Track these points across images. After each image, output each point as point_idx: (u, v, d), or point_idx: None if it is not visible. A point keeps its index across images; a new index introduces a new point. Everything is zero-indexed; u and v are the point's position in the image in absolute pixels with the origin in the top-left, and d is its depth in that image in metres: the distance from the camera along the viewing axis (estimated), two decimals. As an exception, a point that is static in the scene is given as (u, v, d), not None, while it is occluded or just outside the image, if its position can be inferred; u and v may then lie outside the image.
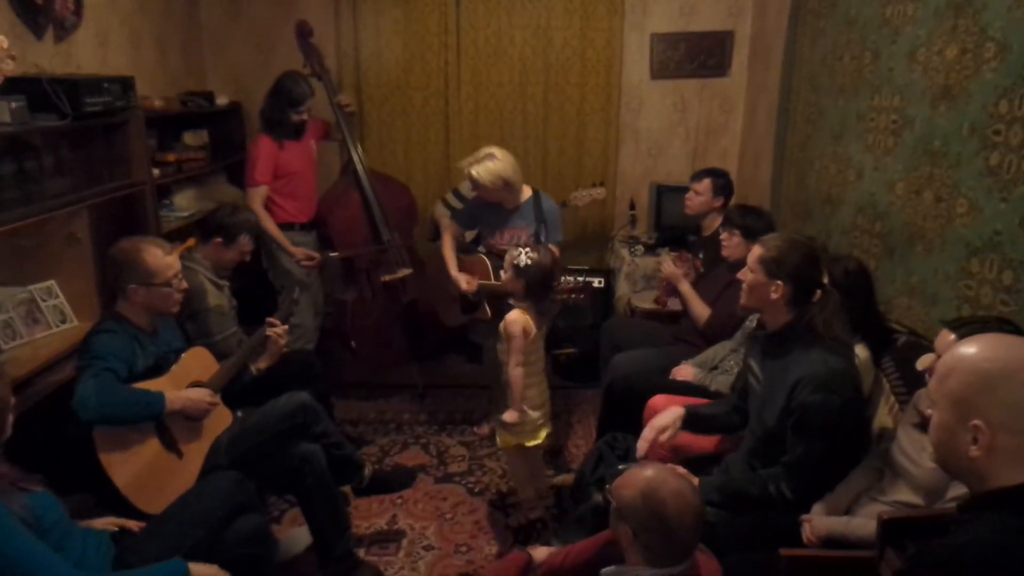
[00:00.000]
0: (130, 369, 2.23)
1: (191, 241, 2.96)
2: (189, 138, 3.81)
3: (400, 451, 3.51)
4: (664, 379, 2.89)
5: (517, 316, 2.62)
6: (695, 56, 4.30)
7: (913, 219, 2.47)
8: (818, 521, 1.90)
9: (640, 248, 4.11)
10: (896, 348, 2.30)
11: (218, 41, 4.39)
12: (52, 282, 2.75)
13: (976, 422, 1.09)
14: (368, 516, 2.97)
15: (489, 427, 3.66)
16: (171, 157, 3.54)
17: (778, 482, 1.99)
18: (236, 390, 2.61)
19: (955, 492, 1.66)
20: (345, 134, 3.76)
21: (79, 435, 2.11)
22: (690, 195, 3.46)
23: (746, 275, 2.11)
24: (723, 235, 3.01)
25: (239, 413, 2.60)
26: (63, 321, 2.73)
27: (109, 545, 1.87)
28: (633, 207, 4.42)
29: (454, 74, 4.34)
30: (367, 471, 2.75)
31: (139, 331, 2.34)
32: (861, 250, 2.78)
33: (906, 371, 2.16)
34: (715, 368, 2.87)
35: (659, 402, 2.69)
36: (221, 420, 2.51)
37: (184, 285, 2.43)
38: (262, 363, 2.73)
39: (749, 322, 2.76)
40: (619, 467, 2.06)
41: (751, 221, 2.92)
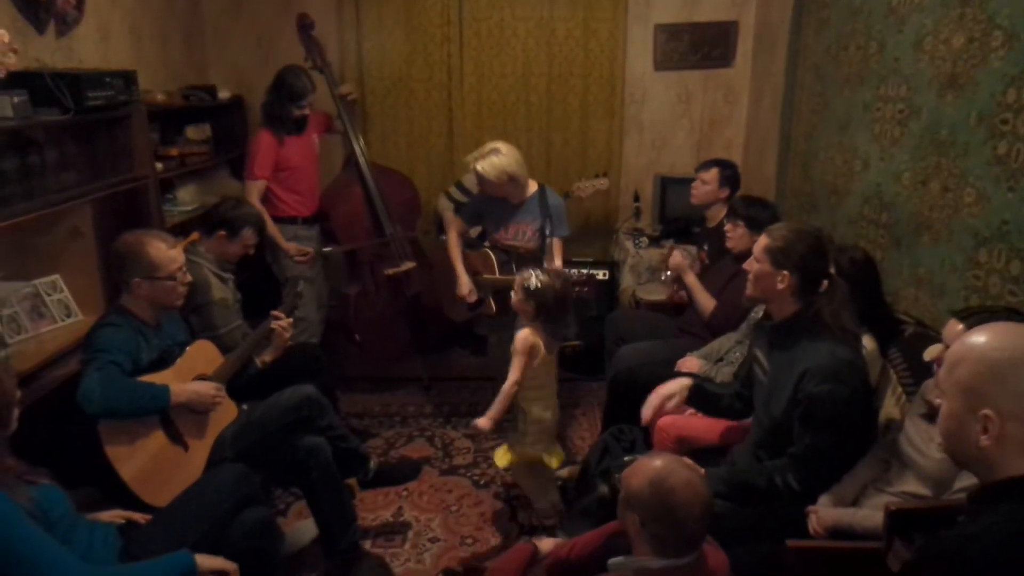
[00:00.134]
0: (134, 362, 2.24)
1: (195, 235, 2.96)
2: (192, 132, 3.80)
3: (405, 444, 3.52)
4: (669, 371, 2.88)
5: (526, 334, 2.59)
6: (699, 47, 4.28)
7: (920, 209, 2.45)
8: (825, 512, 1.90)
9: (644, 240, 4.10)
10: (903, 339, 2.29)
11: (220, 35, 4.38)
12: (57, 276, 2.75)
13: (986, 411, 1.08)
14: (374, 508, 2.98)
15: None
16: (174, 151, 3.53)
17: (784, 473, 1.98)
18: (241, 383, 2.61)
19: (962, 483, 1.66)
20: (347, 126, 3.75)
21: (84, 429, 2.11)
22: (696, 184, 3.43)
23: (752, 265, 2.09)
24: (727, 226, 2.99)
25: (244, 406, 2.60)
26: (68, 315, 2.73)
27: (115, 537, 1.87)
28: (637, 199, 4.41)
29: (457, 66, 4.32)
30: (372, 463, 2.76)
31: (143, 324, 2.34)
32: (867, 241, 2.76)
33: (913, 362, 2.15)
34: (720, 360, 2.87)
35: (665, 391, 2.68)
36: (226, 413, 2.51)
37: (188, 278, 2.43)
38: (267, 356, 2.73)
39: (755, 313, 2.75)
40: (625, 458, 2.06)
41: (755, 212, 2.90)
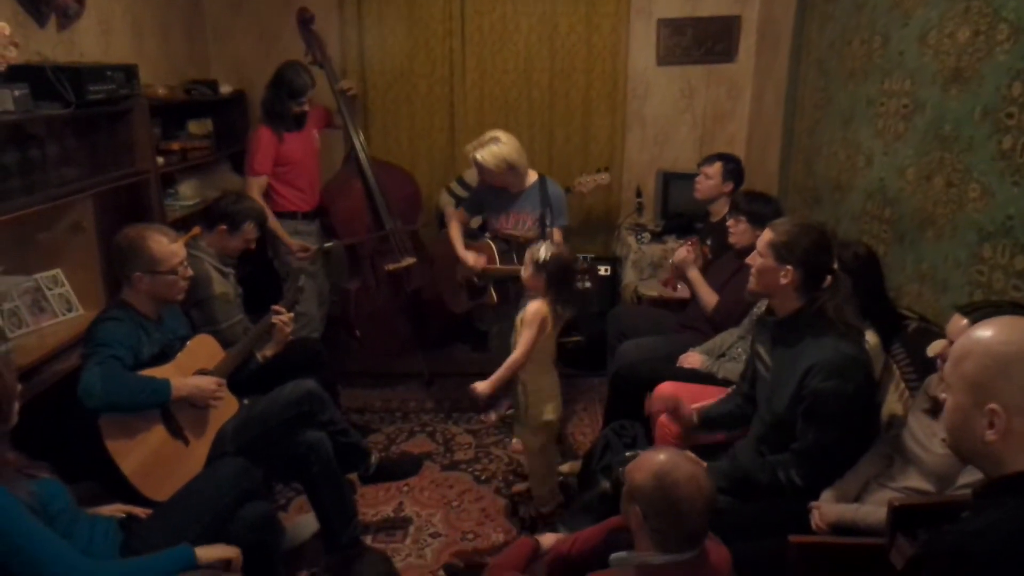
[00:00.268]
0: (135, 357, 2.23)
1: (196, 229, 2.95)
2: (193, 127, 3.80)
3: (406, 439, 3.51)
4: (671, 367, 2.88)
5: (539, 306, 2.58)
6: (702, 42, 4.26)
7: (924, 205, 2.44)
8: (827, 508, 1.89)
9: (647, 236, 4.08)
10: (906, 334, 2.28)
11: (221, 29, 4.37)
12: (58, 271, 2.75)
13: (992, 406, 1.07)
14: (375, 503, 2.98)
15: (497, 415, 3.66)
16: (175, 146, 3.53)
17: (788, 469, 1.98)
18: (242, 378, 2.61)
19: (966, 479, 1.65)
20: (347, 121, 3.74)
21: (85, 423, 2.11)
22: (700, 179, 3.42)
23: (755, 259, 2.08)
24: (730, 222, 2.98)
25: (245, 401, 2.60)
26: (69, 310, 2.73)
27: (116, 532, 1.87)
28: (640, 194, 4.40)
29: (459, 61, 4.31)
30: (373, 458, 2.76)
31: (144, 319, 2.33)
32: (871, 236, 2.75)
33: (916, 357, 2.14)
34: (723, 355, 2.86)
35: (666, 389, 2.68)
36: (227, 408, 2.51)
37: (189, 273, 2.43)
38: (268, 351, 2.73)
39: (757, 309, 2.74)
40: (627, 454, 2.05)
41: (758, 207, 2.89)
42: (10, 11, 2.60)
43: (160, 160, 3.22)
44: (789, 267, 2.00)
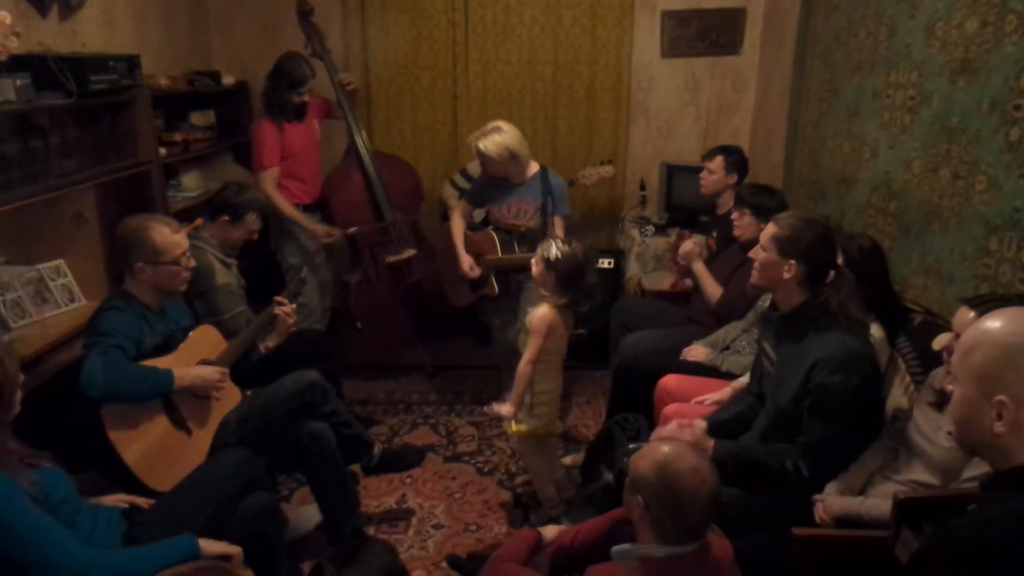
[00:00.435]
0: (138, 347, 2.23)
1: (199, 221, 2.94)
2: (196, 118, 3.79)
3: (409, 431, 3.51)
4: (675, 359, 2.87)
5: (545, 312, 2.55)
6: (707, 34, 4.23)
7: (930, 197, 2.43)
8: (832, 501, 1.88)
9: (650, 228, 4.07)
10: (912, 328, 2.27)
11: (224, 20, 4.35)
12: (60, 261, 2.75)
13: (1001, 397, 1.06)
14: (377, 495, 2.98)
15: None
16: (178, 137, 3.52)
17: (796, 458, 1.96)
18: (244, 369, 2.61)
19: (971, 472, 1.64)
20: (347, 113, 3.73)
21: (88, 413, 2.10)
22: (703, 174, 3.42)
23: (758, 253, 2.07)
24: (734, 214, 2.97)
25: (248, 392, 2.60)
26: (71, 300, 2.73)
27: (119, 521, 1.87)
28: (643, 187, 4.38)
29: (462, 53, 4.29)
30: (376, 450, 2.76)
31: (146, 309, 2.33)
32: (876, 230, 2.74)
33: (922, 351, 2.13)
34: (726, 348, 2.85)
35: (670, 382, 2.68)
36: (230, 398, 2.51)
37: (192, 264, 2.42)
38: (270, 342, 2.73)
39: (761, 302, 2.73)
40: (630, 446, 2.05)
41: (762, 200, 2.88)
42: (12, 1, 2.59)
43: (163, 151, 3.21)
44: (792, 262, 1.99)
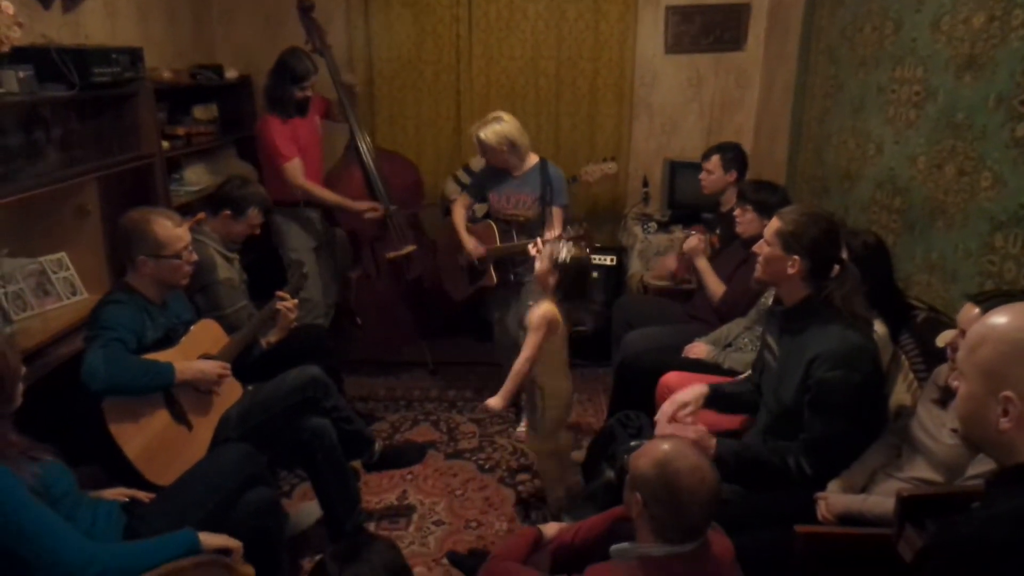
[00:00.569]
0: (139, 340, 2.22)
1: (201, 215, 2.94)
2: (199, 112, 3.78)
3: (410, 428, 3.51)
4: (677, 357, 2.86)
5: (547, 309, 2.53)
6: (711, 30, 4.22)
7: (934, 194, 2.41)
8: (834, 499, 1.87)
9: (653, 225, 4.06)
10: (915, 324, 2.26)
11: (227, 14, 4.34)
12: (63, 254, 2.74)
13: (1007, 393, 1.05)
14: (378, 491, 2.97)
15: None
16: (180, 131, 3.51)
17: (798, 456, 1.95)
18: (246, 364, 2.60)
19: (976, 469, 1.63)
20: (348, 111, 3.72)
21: (89, 406, 2.10)
22: (703, 175, 3.42)
23: (762, 248, 2.06)
24: (737, 211, 2.96)
25: (249, 387, 2.59)
26: (73, 293, 2.73)
27: (119, 515, 1.86)
28: (646, 184, 4.37)
29: (465, 48, 4.27)
30: (377, 446, 2.75)
31: (148, 303, 2.32)
32: (880, 226, 2.72)
33: (925, 347, 2.13)
34: (729, 346, 2.84)
35: (672, 380, 2.66)
36: (231, 393, 2.50)
37: (194, 258, 2.41)
38: (272, 337, 2.72)
39: (764, 299, 2.72)
40: (632, 443, 2.04)
41: (764, 196, 2.87)
42: (14, -7, 2.58)
43: (165, 144, 3.21)
44: (796, 257, 1.98)
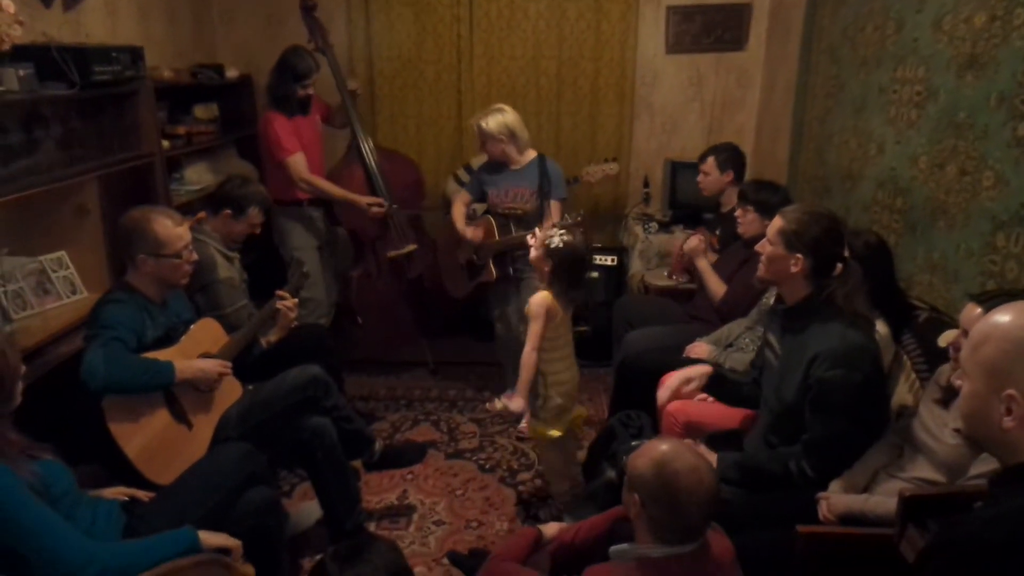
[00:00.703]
0: (139, 339, 2.22)
1: (201, 214, 2.93)
2: (199, 111, 3.78)
3: (411, 427, 3.50)
4: (678, 357, 2.85)
5: (541, 297, 2.53)
6: (712, 29, 4.21)
7: (936, 194, 2.41)
8: (835, 499, 1.87)
9: (654, 225, 4.06)
10: (917, 324, 2.25)
11: (228, 13, 4.34)
12: (63, 253, 2.74)
13: (1010, 391, 1.04)
14: (379, 491, 2.97)
15: (500, 404, 3.64)
16: (181, 130, 3.51)
17: (799, 460, 1.95)
18: (246, 364, 2.59)
19: (978, 469, 1.63)
20: (351, 112, 3.72)
21: (89, 405, 2.09)
22: (700, 177, 3.43)
23: (765, 247, 2.05)
24: (738, 211, 2.96)
25: (249, 387, 2.59)
26: (73, 292, 2.72)
27: (119, 514, 1.86)
28: (647, 184, 4.36)
29: (467, 47, 4.27)
30: (377, 446, 2.74)
31: (148, 302, 2.31)
32: (881, 226, 2.72)
33: (927, 347, 2.12)
34: (730, 346, 2.83)
35: (673, 380, 2.66)
36: (231, 392, 2.50)
37: (194, 257, 2.40)
38: (272, 336, 2.72)
39: (765, 299, 2.72)
40: (632, 443, 2.04)
41: (765, 196, 2.86)
42: (15, -9, 2.58)
43: (166, 144, 3.20)
44: (799, 255, 1.97)
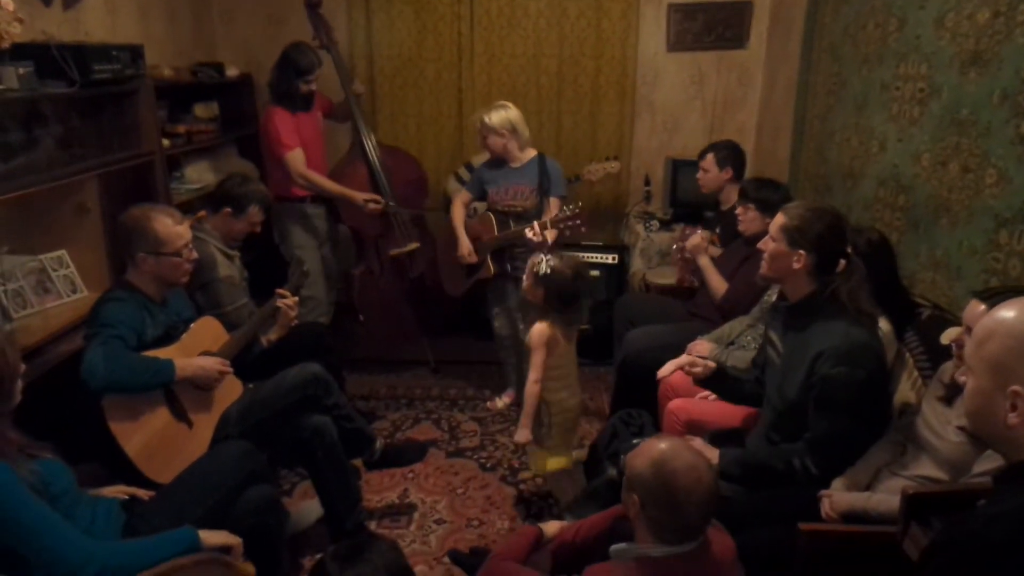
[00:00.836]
0: (139, 338, 2.21)
1: (202, 212, 2.93)
2: (199, 110, 3.78)
3: (412, 426, 3.50)
4: (679, 355, 2.84)
5: (541, 329, 2.52)
6: (713, 27, 4.21)
7: (938, 191, 2.40)
8: (838, 497, 1.86)
9: (655, 224, 4.05)
10: (920, 322, 2.25)
11: (228, 12, 4.33)
12: (63, 252, 2.73)
13: (1015, 388, 1.04)
14: (379, 490, 2.96)
15: (501, 403, 3.63)
16: (181, 128, 3.51)
17: (803, 456, 1.94)
18: (246, 362, 2.59)
19: (981, 467, 1.62)
20: (354, 110, 3.72)
21: (89, 404, 2.09)
22: (699, 175, 3.43)
23: (767, 244, 2.05)
24: (739, 209, 2.95)
25: (249, 385, 2.59)
26: (73, 291, 2.72)
27: (119, 513, 1.86)
28: (648, 182, 4.36)
29: (467, 46, 4.26)
30: (378, 444, 2.74)
31: (148, 300, 2.31)
32: (883, 224, 2.71)
33: (930, 345, 2.11)
34: (731, 344, 2.82)
35: (674, 378, 2.64)
36: (231, 391, 2.50)
37: (194, 255, 2.40)
38: (272, 335, 2.72)
39: (767, 297, 2.71)
40: (633, 441, 2.03)
41: (766, 194, 2.86)
42: (15, -12, 2.57)
43: (166, 142, 3.20)
44: (802, 252, 1.97)
